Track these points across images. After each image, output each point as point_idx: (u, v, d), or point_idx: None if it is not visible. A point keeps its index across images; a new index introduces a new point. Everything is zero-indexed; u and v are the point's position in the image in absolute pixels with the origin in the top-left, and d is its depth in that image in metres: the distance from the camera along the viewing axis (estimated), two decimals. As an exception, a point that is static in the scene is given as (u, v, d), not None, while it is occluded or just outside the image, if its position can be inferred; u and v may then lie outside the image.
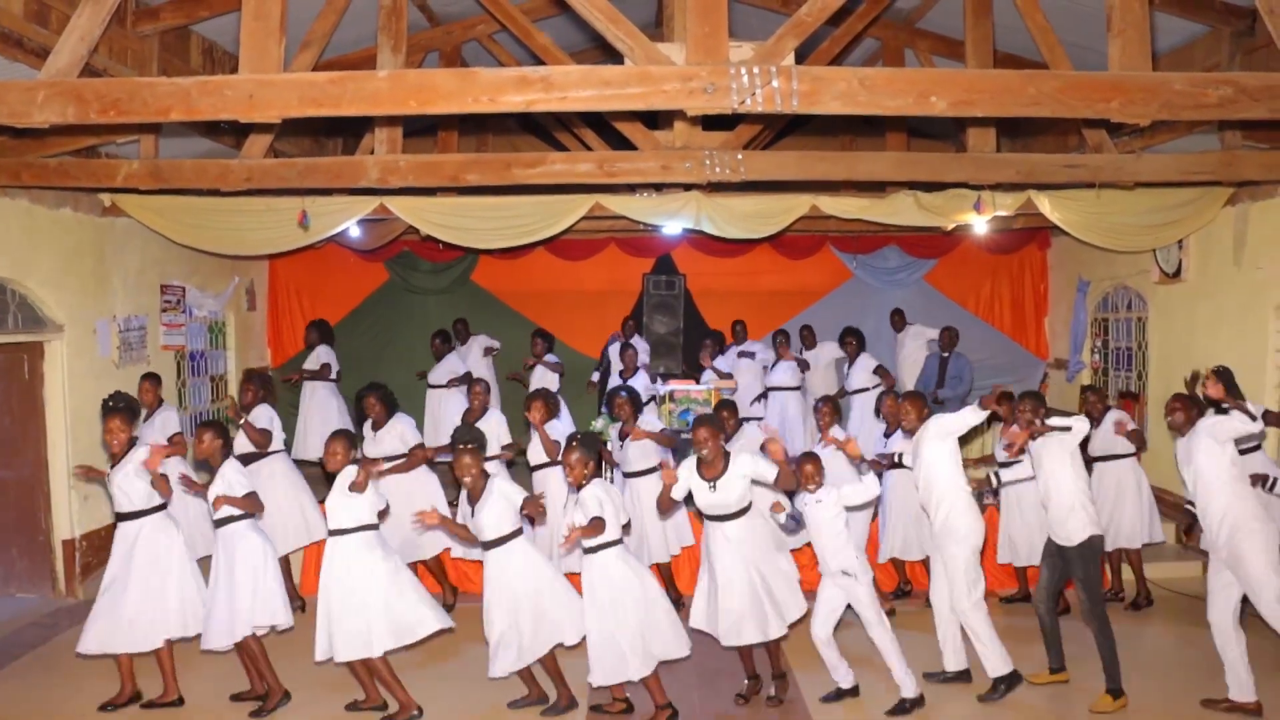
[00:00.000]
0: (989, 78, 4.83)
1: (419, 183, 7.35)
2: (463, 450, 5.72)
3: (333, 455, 5.84)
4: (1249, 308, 8.20)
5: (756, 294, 12.17)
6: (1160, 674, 6.44)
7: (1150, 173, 7.35)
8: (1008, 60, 8.29)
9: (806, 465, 5.89)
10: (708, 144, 7.24)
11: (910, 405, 6.29)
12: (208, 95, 4.67)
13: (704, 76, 4.56)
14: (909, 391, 6.53)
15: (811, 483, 5.84)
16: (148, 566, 5.92)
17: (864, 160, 7.68)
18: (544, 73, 4.62)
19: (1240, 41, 7.13)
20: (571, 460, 5.67)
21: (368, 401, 7.63)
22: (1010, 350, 12.12)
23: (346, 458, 5.87)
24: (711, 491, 5.75)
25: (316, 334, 10.16)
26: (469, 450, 5.71)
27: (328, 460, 5.87)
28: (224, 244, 8.91)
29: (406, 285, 12.36)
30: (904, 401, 6.38)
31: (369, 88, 4.63)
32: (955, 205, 8.38)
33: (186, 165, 7.26)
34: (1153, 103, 4.73)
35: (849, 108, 4.68)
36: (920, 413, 6.22)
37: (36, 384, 7.89)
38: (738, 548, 5.78)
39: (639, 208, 8.61)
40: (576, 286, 12.25)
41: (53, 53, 4.98)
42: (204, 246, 9.09)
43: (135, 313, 9.03)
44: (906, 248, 12.07)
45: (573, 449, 5.70)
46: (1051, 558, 6.09)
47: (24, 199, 7.59)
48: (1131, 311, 10.42)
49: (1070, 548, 5.91)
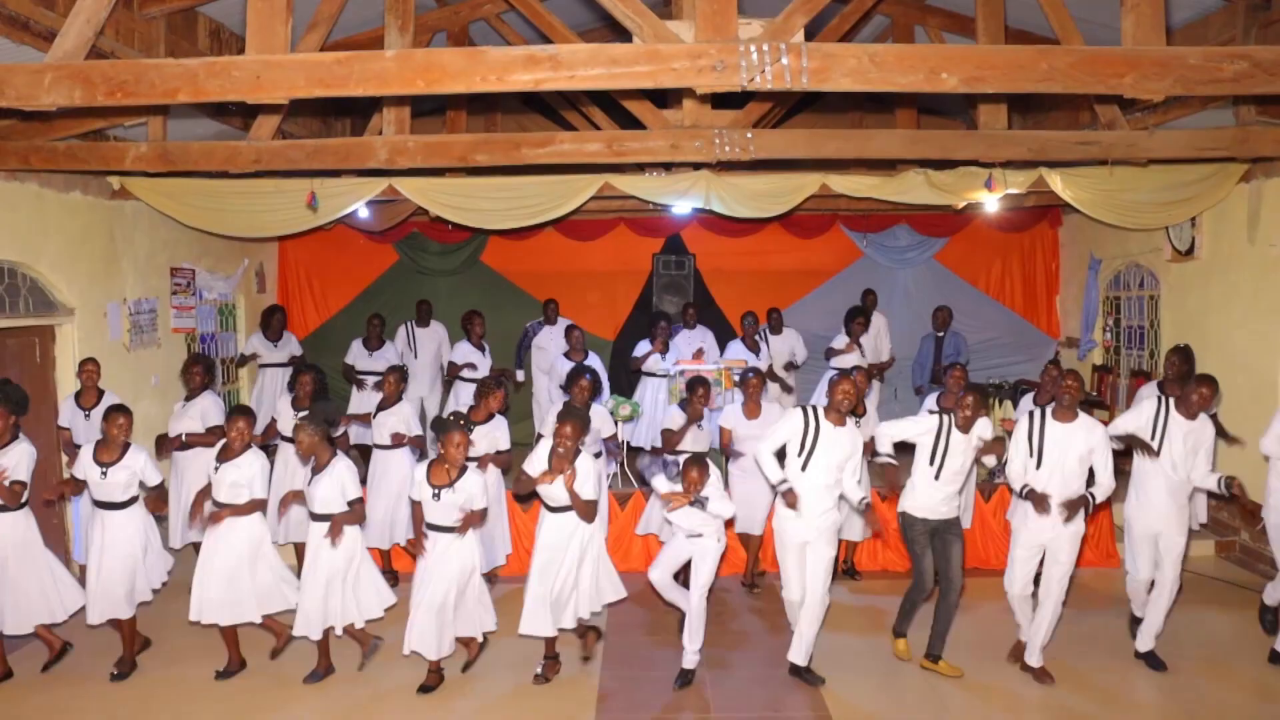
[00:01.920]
0: (1000, 53, 4.77)
1: (428, 163, 7.34)
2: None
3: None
4: (1262, 285, 8.14)
5: (766, 273, 12.12)
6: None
7: (1163, 149, 7.29)
8: (1019, 36, 8.21)
9: (691, 472, 5.93)
10: (717, 122, 7.19)
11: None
12: (215, 76, 4.66)
13: (713, 54, 4.53)
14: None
15: (693, 488, 5.90)
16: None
17: (874, 138, 7.62)
18: (552, 51, 4.59)
19: (1256, 15, 7.04)
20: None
21: (301, 380, 7.76)
22: (1021, 329, 12.06)
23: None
24: (550, 486, 5.91)
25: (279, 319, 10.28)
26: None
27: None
28: (233, 226, 8.91)
29: (416, 267, 12.35)
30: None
31: (376, 68, 4.62)
32: (966, 183, 8.33)
33: (194, 147, 7.26)
34: (1167, 77, 4.68)
35: (859, 85, 4.64)
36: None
37: (48, 367, 7.94)
38: (570, 538, 6.02)
39: (648, 187, 8.58)
40: (586, 267, 12.22)
41: (59, 35, 4.97)
42: (213, 229, 9.10)
43: (146, 296, 9.06)
44: (917, 226, 11.99)
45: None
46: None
47: (33, 183, 7.61)
48: (1144, 289, 10.36)
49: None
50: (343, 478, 6.01)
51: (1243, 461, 7.27)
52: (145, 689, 6.19)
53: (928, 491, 6.06)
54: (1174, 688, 6.03)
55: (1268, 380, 7.89)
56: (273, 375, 10.04)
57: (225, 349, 10.92)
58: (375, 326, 10.26)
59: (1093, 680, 6.13)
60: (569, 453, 5.85)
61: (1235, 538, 8.45)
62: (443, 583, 5.92)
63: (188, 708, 5.94)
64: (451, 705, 5.94)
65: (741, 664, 6.48)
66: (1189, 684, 6.07)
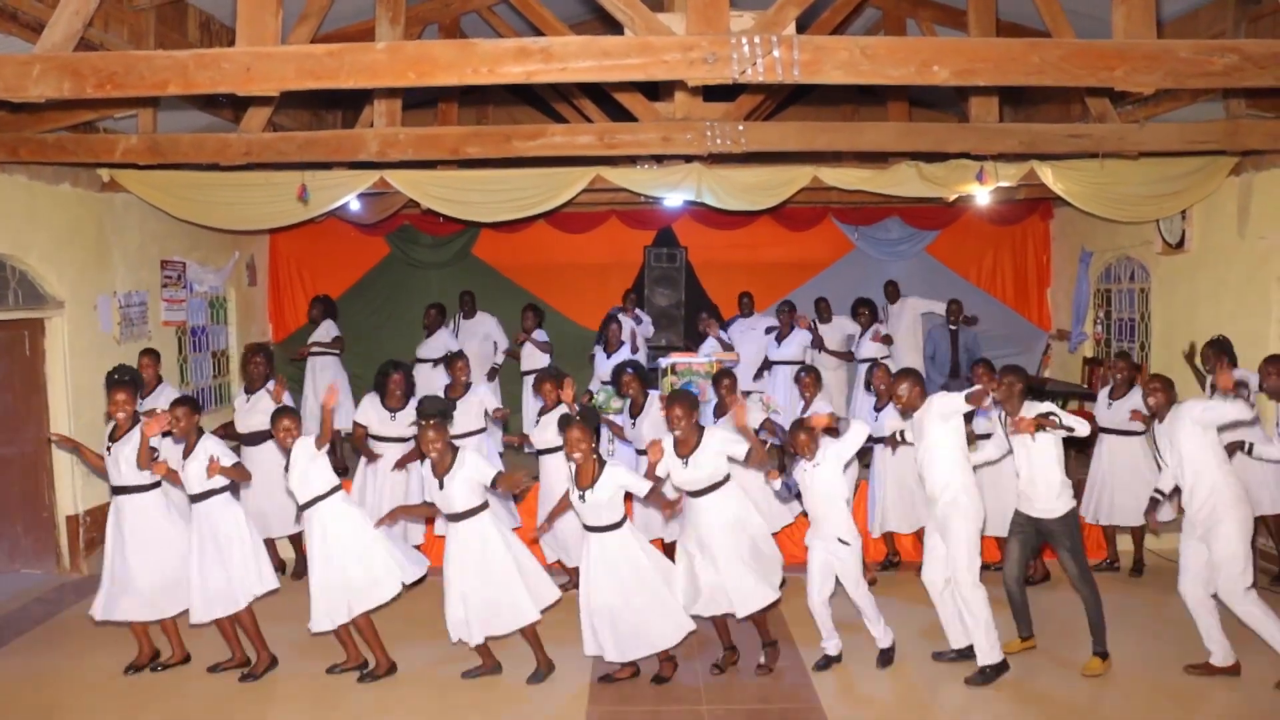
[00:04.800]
0: (991, 46, 4.78)
1: (419, 156, 7.32)
2: (426, 425, 5.77)
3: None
4: (1252, 278, 8.17)
5: (758, 266, 12.13)
6: (1150, 639, 6.53)
7: (1154, 142, 7.31)
8: (1010, 29, 8.22)
9: (799, 435, 5.91)
10: (709, 115, 7.19)
11: (905, 381, 6.04)
12: (205, 68, 4.65)
13: (704, 46, 4.53)
14: (904, 369, 6.41)
15: (805, 451, 5.87)
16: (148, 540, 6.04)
17: (866, 131, 7.63)
18: (543, 43, 4.59)
19: (1246, 9, 7.06)
20: (574, 436, 5.67)
21: (393, 380, 7.61)
22: (1013, 321, 12.09)
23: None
24: (684, 469, 5.79)
25: (321, 308, 10.08)
26: (432, 425, 5.76)
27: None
28: (224, 219, 8.89)
29: (408, 259, 12.33)
30: (899, 378, 6.13)
31: (367, 59, 4.61)
32: (958, 176, 8.34)
33: (185, 140, 7.24)
34: (1157, 70, 4.70)
35: (851, 77, 4.65)
36: (916, 389, 5.99)
37: (38, 360, 7.91)
38: (718, 518, 5.83)
39: (640, 180, 8.57)
40: (577, 259, 12.21)
41: (48, 26, 4.96)
42: (203, 221, 9.05)
43: (136, 288, 9.02)
44: (908, 219, 12.01)
45: (574, 425, 5.69)
46: (1023, 532, 6.07)
47: (22, 175, 7.57)
48: (1134, 282, 10.39)
49: (1053, 520, 5.91)
50: (476, 467, 5.82)
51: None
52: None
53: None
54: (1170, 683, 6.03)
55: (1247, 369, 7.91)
56: (322, 363, 9.87)
57: (216, 342, 10.89)
58: (433, 316, 10.27)
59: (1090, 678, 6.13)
60: (686, 431, 5.76)
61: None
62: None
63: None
64: (446, 696, 5.94)
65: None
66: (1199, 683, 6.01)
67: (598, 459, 5.72)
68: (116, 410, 6.02)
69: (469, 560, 5.85)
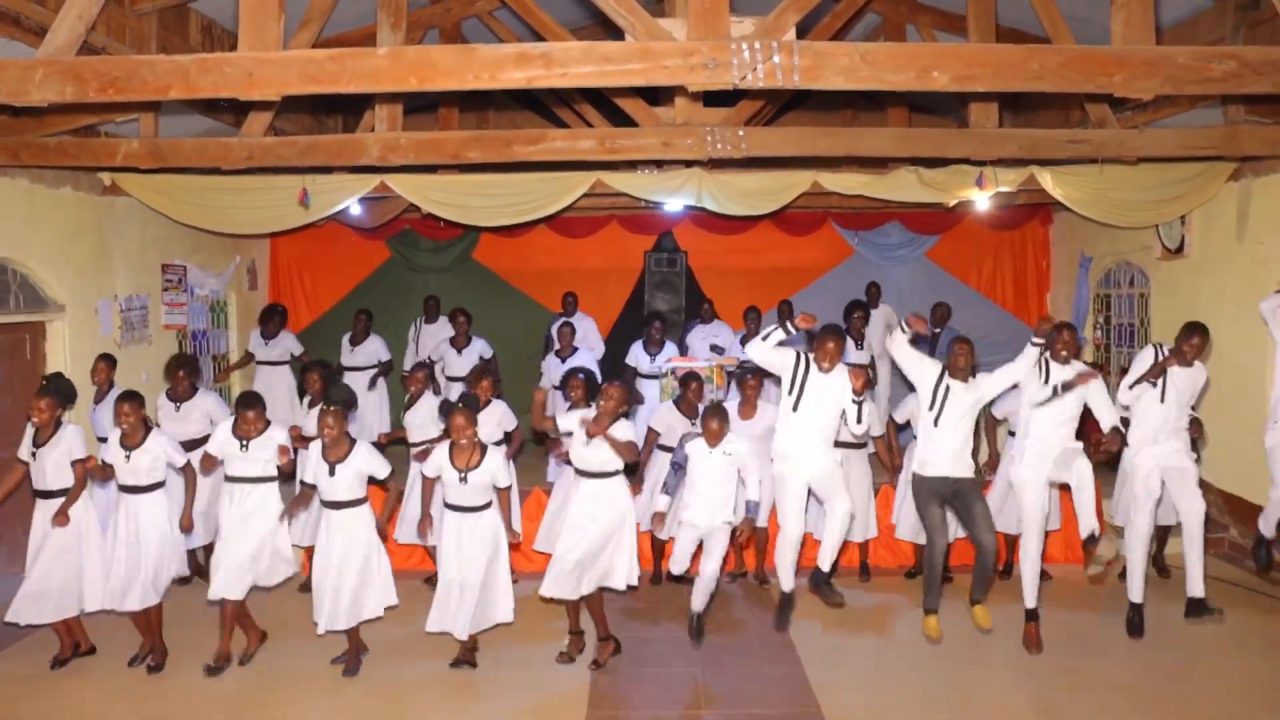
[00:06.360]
0: (991, 52, 4.80)
1: (420, 160, 7.34)
2: (326, 411, 5.99)
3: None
4: (1251, 283, 8.16)
5: (758, 271, 12.13)
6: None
7: (1153, 148, 7.33)
8: (1010, 35, 8.22)
9: (711, 422, 6.11)
10: (709, 120, 7.21)
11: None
12: (207, 73, 4.67)
13: (705, 52, 4.54)
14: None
15: (715, 439, 6.10)
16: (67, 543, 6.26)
17: (866, 136, 7.64)
18: (544, 49, 4.60)
19: (1244, 15, 7.08)
20: (458, 424, 5.94)
21: (309, 378, 7.72)
22: (1012, 327, 12.09)
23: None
24: (584, 446, 6.07)
25: (279, 320, 10.14)
26: (333, 412, 5.99)
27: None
28: (225, 223, 8.91)
29: (408, 264, 12.34)
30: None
31: (369, 65, 4.62)
32: (957, 181, 8.36)
33: (186, 144, 7.25)
34: (1156, 77, 4.72)
35: (850, 83, 4.66)
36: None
37: (39, 364, 7.91)
38: (605, 505, 6.13)
39: (640, 185, 8.59)
40: (578, 264, 12.19)
41: (50, 31, 4.96)
42: (205, 225, 9.07)
43: (137, 292, 9.03)
44: (908, 224, 12.02)
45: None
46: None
47: (24, 178, 7.58)
48: (1134, 287, 10.40)
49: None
50: (369, 461, 6.09)
51: (1243, 461, 7.31)
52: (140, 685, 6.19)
53: (931, 445, 6.07)
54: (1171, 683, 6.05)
55: (1255, 377, 7.92)
56: (266, 373, 10.00)
57: (216, 346, 10.90)
58: (362, 321, 10.25)
59: (1092, 677, 6.15)
60: (607, 414, 5.99)
61: (1224, 534, 8.49)
62: (471, 562, 6.01)
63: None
64: (445, 698, 5.95)
65: (735, 658, 6.47)
66: (1186, 676, 6.09)
67: (479, 444, 6.05)
68: (38, 416, 6.15)
69: (333, 551, 6.05)
